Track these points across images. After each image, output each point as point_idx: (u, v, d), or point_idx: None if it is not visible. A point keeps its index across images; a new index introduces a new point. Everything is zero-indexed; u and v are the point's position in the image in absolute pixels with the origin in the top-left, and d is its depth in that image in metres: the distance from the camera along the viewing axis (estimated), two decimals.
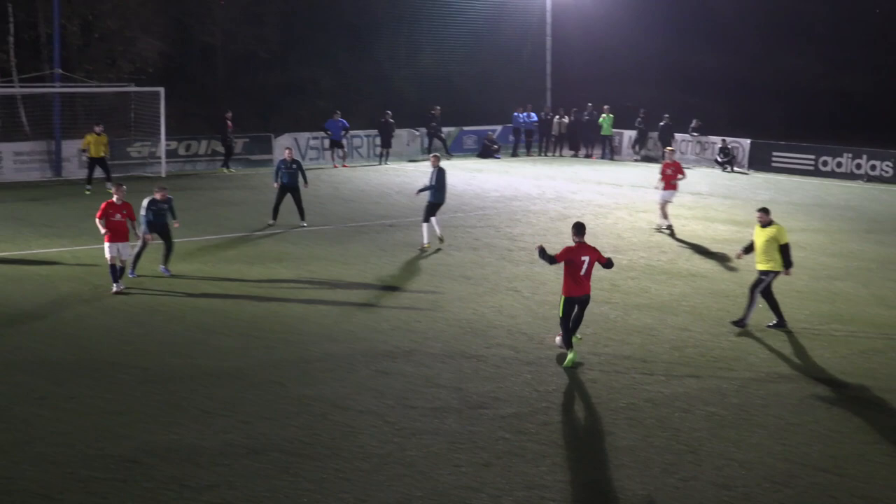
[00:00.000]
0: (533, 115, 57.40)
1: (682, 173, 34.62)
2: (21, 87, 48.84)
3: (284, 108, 58.38)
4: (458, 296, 24.18)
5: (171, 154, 47.57)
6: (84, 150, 41.39)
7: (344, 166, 50.36)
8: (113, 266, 24.41)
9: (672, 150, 36.89)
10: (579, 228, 19.41)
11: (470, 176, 46.78)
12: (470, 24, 62.51)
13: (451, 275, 26.40)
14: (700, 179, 46.48)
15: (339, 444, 15.35)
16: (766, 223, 21.91)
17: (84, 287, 24.66)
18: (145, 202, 25.91)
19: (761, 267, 21.76)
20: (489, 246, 30.26)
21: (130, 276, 25.25)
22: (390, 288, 25.03)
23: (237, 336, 20.63)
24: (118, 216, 24.60)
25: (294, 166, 33.76)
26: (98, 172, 40.82)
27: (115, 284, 24.29)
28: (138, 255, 25.51)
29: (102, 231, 24.64)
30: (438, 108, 54.82)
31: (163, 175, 45.38)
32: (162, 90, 46.55)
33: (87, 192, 38.95)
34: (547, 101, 61.26)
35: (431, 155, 32.86)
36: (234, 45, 62.21)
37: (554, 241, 30.33)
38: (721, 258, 29.05)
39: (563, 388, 17.94)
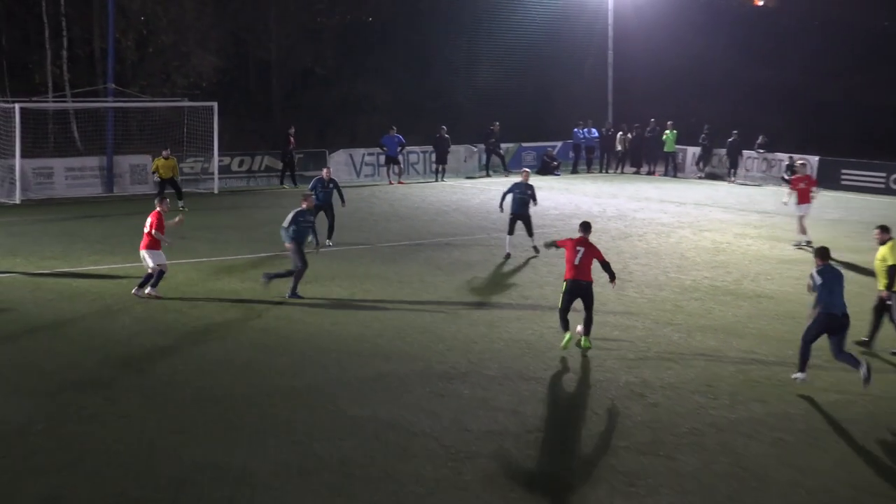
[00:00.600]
0: (594, 130, 57.36)
1: (816, 185, 34.78)
2: (74, 101, 49.35)
3: (340, 123, 58.71)
4: (517, 316, 24.16)
5: (224, 170, 47.92)
6: (154, 173, 41.60)
7: (400, 183, 50.51)
8: (160, 273, 25.60)
9: (804, 164, 37.18)
10: (585, 226, 22.35)
11: None
12: (529, 38, 62.54)
13: (509, 294, 26.40)
14: (766, 198, 46.22)
15: (393, 466, 15.37)
16: (882, 241, 21.68)
17: (137, 305, 24.86)
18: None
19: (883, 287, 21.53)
20: (548, 265, 30.19)
21: (291, 296, 25.51)
22: (446, 307, 25.05)
23: (292, 355, 20.71)
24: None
25: (331, 185, 33.78)
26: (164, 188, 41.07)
27: (150, 289, 25.51)
28: (297, 276, 25.79)
29: (167, 241, 25.74)
30: (497, 123, 54.84)
31: (215, 192, 45.73)
32: (216, 105, 46.85)
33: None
34: (608, 116, 61.17)
35: (523, 170, 33.86)
36: (290, 60, 62.59)
37: (614, 261, 30.26)
38: (788, 279, 28.87)
39: (623, 412, 17.87)
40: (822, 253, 19.39)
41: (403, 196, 46.30)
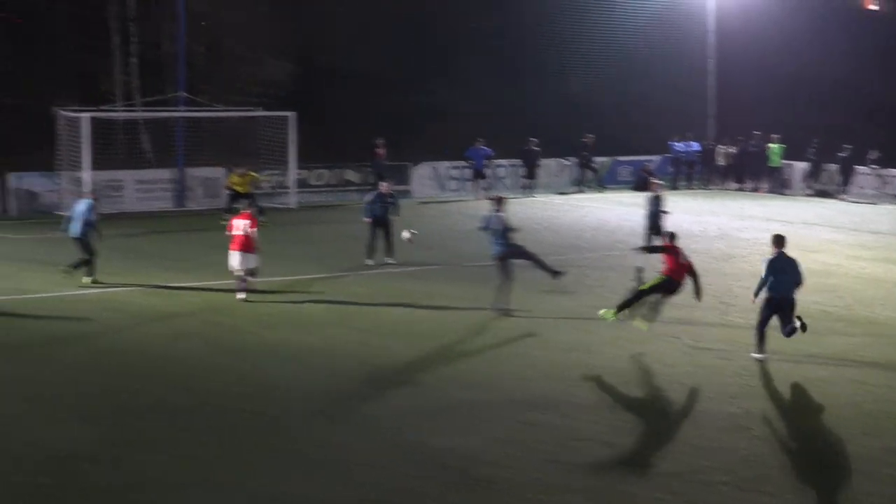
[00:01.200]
0: (694, 144, 57.04)
1: None
2: (144, 110, 49.87)
3: (423, 135, 58.79)
4: (612, 341, 24.06)
5: (301, 184, 48.14)
6: (229, 189, 41.79)
7: (487, 199, 50.41)
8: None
9: None
10: (672, 236, 25.34)
11: (625, 211, 46.59)
12: (625, 46, 62.20)
13: (603, 317, 26.28)
14: (880, 217, 45.75)
15: (478, 499, 15.33)
16: None
17: (209, 326, 25.05)
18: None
19: None
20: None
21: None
22: (536, 331, 25.00)
23: (367, 380, 20.76)
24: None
25: (390, 199, 33.98)
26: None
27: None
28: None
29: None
30: (591, 136, 54.69)
31: (292, 206, 45.98)
32: (292, 115, 47.09)
33: (222, 222, 38.25)
34: (709, 129, 60.79)
35: (654, 183, 34.88)
36: (371, 68, 62.76)
37: (716, 283, 30.08)
38: None
39: (725, 445, 17.70)
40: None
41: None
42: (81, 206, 30.35)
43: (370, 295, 28.73)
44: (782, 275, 22.28)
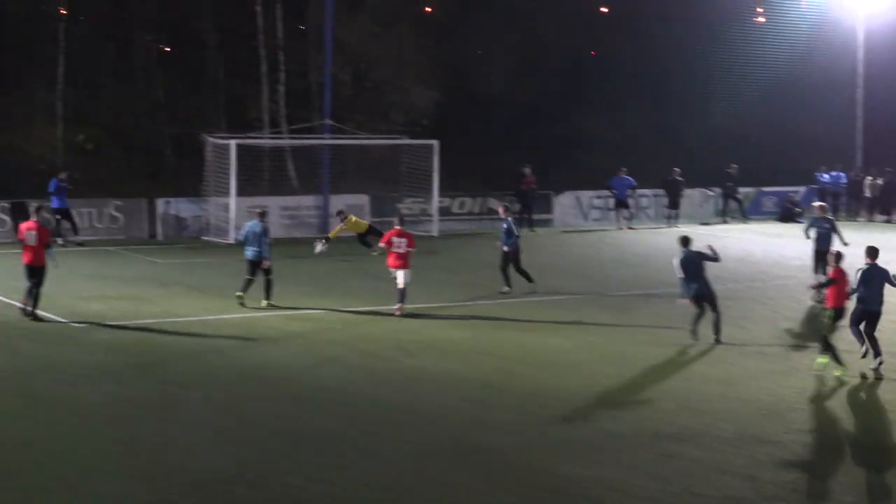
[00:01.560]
0: (841, 175, 56.23)
1: None
2: (290, 138, 50.49)
3: (566, 163, 58.73)
4: (754, 374, 23.77)
5: (443, 212, 48.31)
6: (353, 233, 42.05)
7: (629, 228, 50.29)
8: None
9: None
10: (838, 257, 24.55)
11: (769, 241, 46.09)
12: (770, 76, 61.65)
13: (745, 350, 25.99)
14: None
15: None
16: None
17: (349, 352, 25.22)
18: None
19: None
20: (789, 319, 29.73)
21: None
22: (678, 362, 24.81)
23: (510, 410, 20.72)
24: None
25: (504, 225, 33.74)
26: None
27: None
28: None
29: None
30: (735, 166, 54.21)
31: (434, 234, 46.17)
32: (436, 143, 47.33)
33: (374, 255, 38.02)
34: (857, 159, 59.89)
35: (818, 205, 34.89)
36: (515, 97, 62.94)
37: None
38: None
39: (871, 481, 17.39)
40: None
41: (633, 242, 46.09)
42: (256, 228, 30.74)
43: (512, 323, 28.72)
44: (871, 287, 23.75)
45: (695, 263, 26.90)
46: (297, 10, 57.13)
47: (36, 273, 28.30)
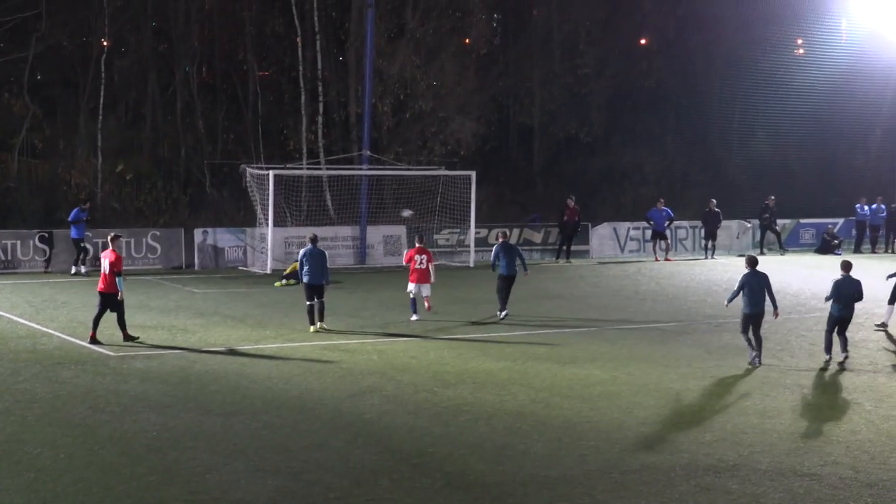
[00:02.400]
0: (882, 206, 56.04)
1: None
2: (328, 168, 50.70)
3: (604, 195, 58.77)
4: (791, 406, 23.69)
5: (480, 242, 48.37)
6: None
7: (667, 259, 50.27)
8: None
9: None
10: None
11: (808, 273, 45.94)
12: (809, 107, 61.50)
13: (783, 382, 25.90)
14: None
15: None
16: None
17: (387, 382, 25.26)
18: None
19: None
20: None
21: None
22: (715, 394, 24.74)
23: (547, 442, 20.70)
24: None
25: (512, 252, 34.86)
26: None
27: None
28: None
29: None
30: (773, 197, 54.12)
31: (471, 265, 46.20)
32: (473, 174, 47.43)
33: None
34: None
35: None
36: (554, 128, 63.04)
37: None
38: None
39: None
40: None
41: (671, 274, 46.02)
42: (315, 253, 31.78)
43: (548, 354, 28.74)
44: (843, 295, 27.99)
45: (755, 285, 27.94)
46: (337, 40, 57.42)
47: (105, 300, 28.92)
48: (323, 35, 54.82)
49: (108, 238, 29.84)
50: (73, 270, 42.56)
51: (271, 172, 43.88)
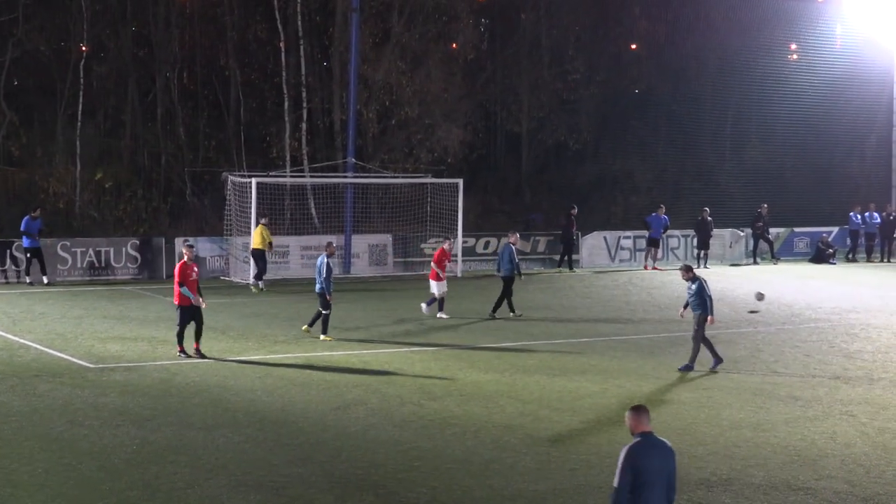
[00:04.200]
0: (875, 215, 56.07)
1: None
2: (312, 176, 50.67)
3: (594, 203, 58.77)
4: (785, 419, 23.70)
5: (468, 252, 48.39)
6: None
7: (655, 269, 50.22)
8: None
9: None
10: None
11: (801, 283, 46.02)
12: (803, 113, 61.57)
13: (777, 394, 25.91)
14: None
15: None
16: None
17: (372, 396, 25.22)
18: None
19: None
20: (822, 363, 29.61)
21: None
22: (707, 407, 24.72)
23: (535, 455, 20.68)
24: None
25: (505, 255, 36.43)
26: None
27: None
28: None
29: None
30: (766, 205, 54.12)
31: (458, 275, 46.14)
32: (460, 182, 47.44)
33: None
34: (892, 199, 59.75)
35: None
36: (542, 135, 63.07)
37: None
38: None
39: None
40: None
41: (662, 284, 46.04)
42: (318, 262, 32.34)
43: (537, 366, 28.73)
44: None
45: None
46: (321, 45, 57.42)
47: (181, 311, 28.94)
48: (307, 40, 54.86)
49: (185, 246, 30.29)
50: (44, 281, 42.33)
51: (254, 180, 43.80)
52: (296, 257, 45.79)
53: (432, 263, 36.53)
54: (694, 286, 28.22)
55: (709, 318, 28.04)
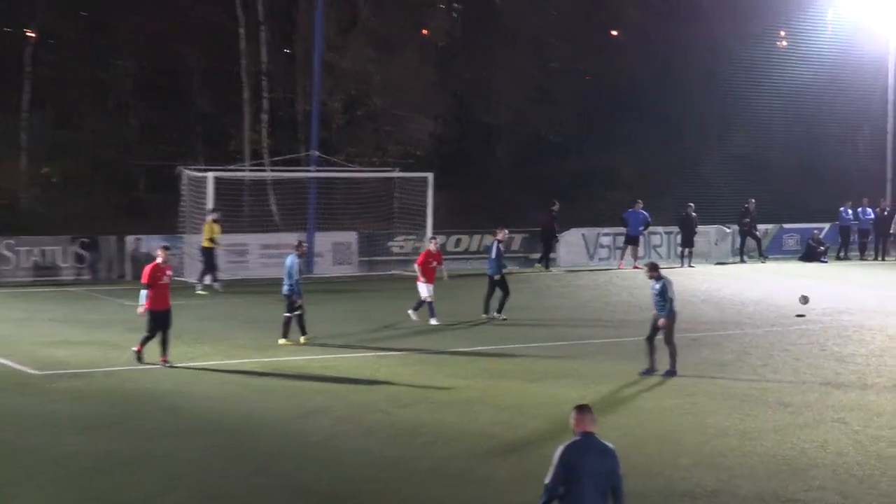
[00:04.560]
0: (868, 210, 56.18)
1: None
2: (272, 170, 50.50)
3: (574, 199, 58.67)
4: (774, 426, 23.70)
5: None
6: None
7: (635, 268, 50.05)
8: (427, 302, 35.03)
9: None
10: None
11: (791, 282, 46.08)
12: (793, 104, 61.63)
13: (765, 400, 25.93)
14: None
15: None
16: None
17: (337, 403, 25.16)
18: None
19: None
20: (813, 367, 29.65)
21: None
22: (692, 414, 24.74)
23: (511, 466, 20.65)
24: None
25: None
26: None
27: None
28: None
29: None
30: (753, 200, 54.15)
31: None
32: (430, 176, 47.31)
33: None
34: (887, 193, 59.90)
35: None
36: (520, 127, 62.88)
37: (893, 364, 29.71)
38: None
39: None
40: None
41: (643, 284, 45.70)
42: (287, 262, 32.00)
43: (513, 370, 28.74)
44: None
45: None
46: (283, 32, 57.25)
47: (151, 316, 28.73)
48: (268, 26, 54.71)
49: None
50: None
51: (210, 175, 43.63)
52: (255, 256, 45.65)
53: (416, 266, 36.20)
54: (658, 286, 28.35)
55: (661, 319, 28.19)
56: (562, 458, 13.57)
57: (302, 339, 31.59)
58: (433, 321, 35.10)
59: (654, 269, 28.84)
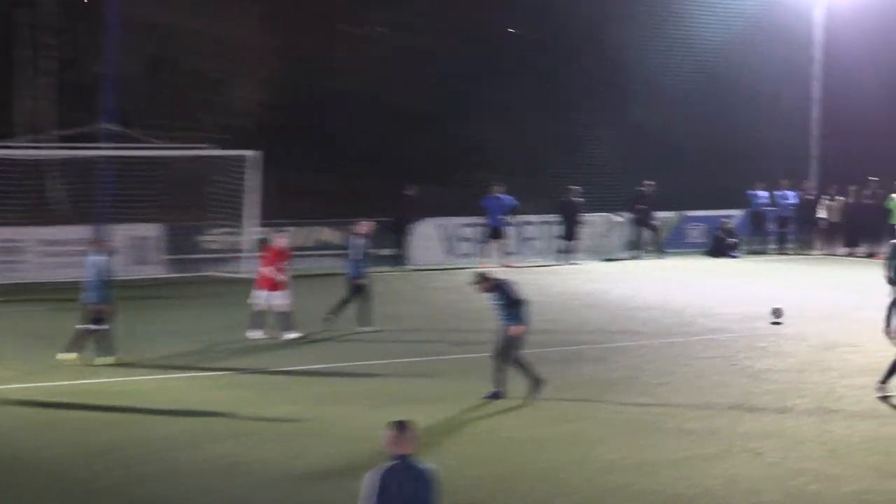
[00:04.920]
0: (789, 194, 56.67)
1: None
2: (53, 147, 49.81)
3: (432, 181, 58.59)
4: (671, 458, 23.76)
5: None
6: None
7: (505, 266, 49.71)
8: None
9: None
10: None
11: (695, 283, 46.48)
12: (701, 67, 61.90)
13: (663, 427, 26.01)
14: None
15: None
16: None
17: (132, 437, 24.79)
18: None
19: None
20: (721, 385, 29.88)
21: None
22: (568, 443, 24.69)
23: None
24: None
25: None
26: None
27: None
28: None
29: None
30: (651, 182, 54.45)
31: (241, 275, 45.26)
32: (251, 154, 47.01)
33: None
34: (811, 174, 60.55)
35: None
36: (368, 94, 62.69)
37: (815, 382, 29.94)
38: None
39: None
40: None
41: (519, 279, 46.06)
42: (93, 263, 31.88)
43: (351, 394, 28.69)
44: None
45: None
46: None
47: None
48: None
49: None
50: None
51: None
52: (33, 255, 45.00)
53: (265, 269, 35.25)
54: (496, 295, 28.01)
55: (512, 327, 27.91)
56: (375, 487, 13.46)
57: (110, 360, 31.02)
58: (291, 335, 34.87)
59: (483, 281, 28.23)
